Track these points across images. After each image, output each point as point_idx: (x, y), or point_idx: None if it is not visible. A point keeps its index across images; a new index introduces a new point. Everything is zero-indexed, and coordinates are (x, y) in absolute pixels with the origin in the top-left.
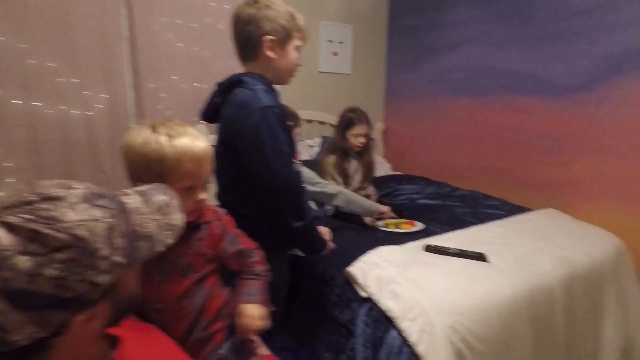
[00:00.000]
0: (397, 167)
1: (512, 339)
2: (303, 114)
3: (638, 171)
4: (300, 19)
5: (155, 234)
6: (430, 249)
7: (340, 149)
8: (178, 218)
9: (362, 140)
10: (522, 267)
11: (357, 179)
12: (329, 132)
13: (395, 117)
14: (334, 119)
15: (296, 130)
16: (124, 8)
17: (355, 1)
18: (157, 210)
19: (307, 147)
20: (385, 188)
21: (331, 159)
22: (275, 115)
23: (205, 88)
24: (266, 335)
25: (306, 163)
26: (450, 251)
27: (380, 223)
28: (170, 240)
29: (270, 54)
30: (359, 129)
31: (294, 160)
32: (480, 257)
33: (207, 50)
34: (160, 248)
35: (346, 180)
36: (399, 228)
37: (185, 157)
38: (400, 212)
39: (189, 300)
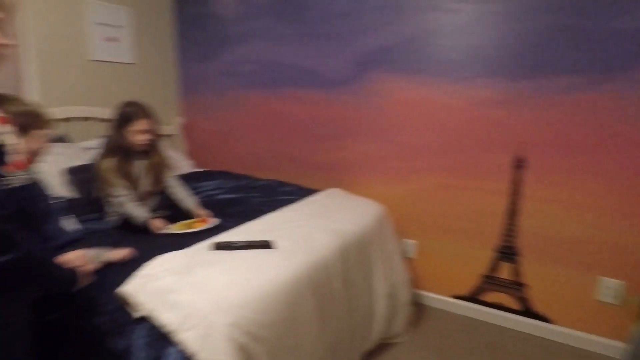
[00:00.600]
0: (201, 163)
1: (297, 315)
2: (75, 110)
3: (389, 149)
4: None
5: None
6: (219, 246)
7: (121, 149)
8: None
9: (145, 136)
10: (303, 246)
11: (145, 182)
12: None
13: (195, 111)
14: None
15: (42, 132)
16: None
17: None
18: None
19: (83, 150)
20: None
21: (110, 163)
22: None
23: None
24: None
25: (83, 168)
26: (238, 245)
27: (169, 227)
28: None
29: None
30: (139, 125)
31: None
32: (265, 245)
33: None
34: None
35: (130, 183)
36: (192, 228)
37: None
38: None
39: None
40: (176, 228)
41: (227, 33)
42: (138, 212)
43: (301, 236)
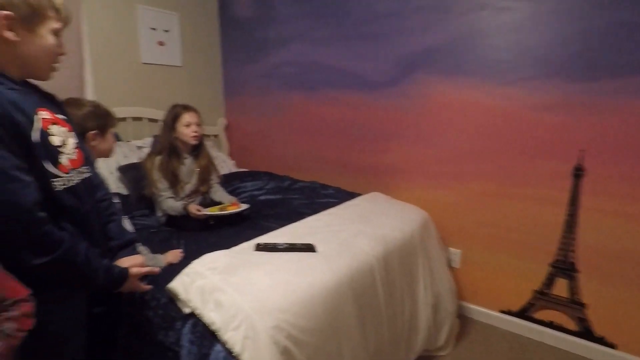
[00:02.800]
0: (242, 163)
1: (339, 321)
2: (128, 110)
3: (433, 153)
4: None
5: None
6: (260, 247)
7: (170, 148)
8: None
9: (195, 129)
10: (345, 251)
11: (192, 182)
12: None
13: (237, 113)
14: None
15: (111, 131)
16: None
17: None
18: None
19: (135, 148)
20: (228, 186)
21: (157, 161)
22: None
23: None
24: None
25: (133, 166)
26: (280, 247)
27: (205, 210)
28: None
29: (9, 35)
30: (188, 117)
31: (57, 170)
32: (308, 247)
33: None
34: None
35: (176, 183)
36: (225, 211)
37: None
38: (241, 213)
39: None
40: (211, 211)
41: (268, 36)
42: (175, 204)
43: (343, 240)
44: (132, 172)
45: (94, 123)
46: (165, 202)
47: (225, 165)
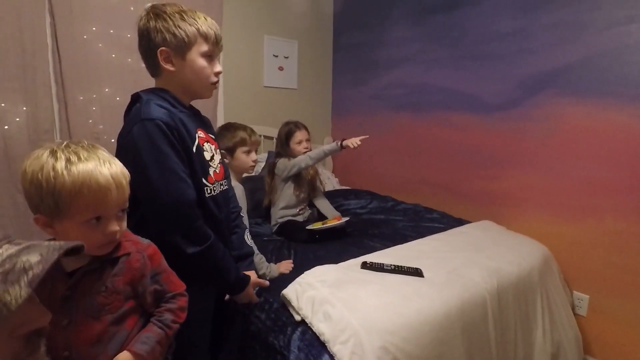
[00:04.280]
0: (345, 181)
1: (445, 352)
2: None
3: (559, 183)
4: (202, 21)
5: None
6: (366, 265)
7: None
8: (13, 294)
9: (305, 145)
10: (454, 280)
11: (304, 190)
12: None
13: (342, 132)
14: None
15: (242, 150)
16: (48, 16)
17: (300, 17)
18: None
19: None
20: (332, 203)
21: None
22: (158, 128)
23: None
24: None
25: (250, 179)
26: (387, 267)
27: (310, 226)
28: None
29: (168, 66)
30: (300, 135)
31: (205, 181)
32: (416, 272)
33: (142, 61)
34: None
35: (297, 189)
36: (327, 224)
37: (85, 187)
38: (344, 227)
39: (104, 346)
40: (314, 226)
41: (379, 59)
42: (324, 148)
43: (452, 269)
44: (249, 184)
45: (222, 145)
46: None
47: (329, 182)
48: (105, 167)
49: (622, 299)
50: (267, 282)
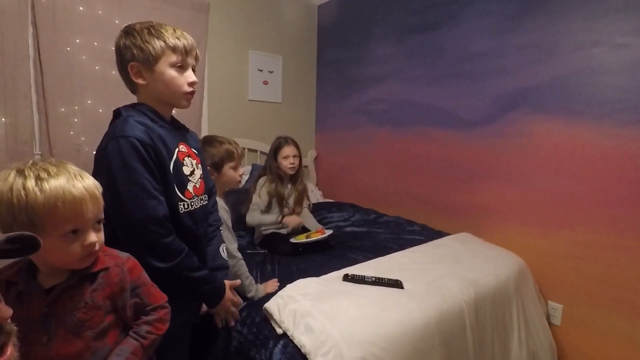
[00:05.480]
0: (328, 194)
1: None
2: None
3: (533, 196)
4: (170, 33)
5: None
6: (347, 278)
7: (275, 174)
8: None
9: (291, 161)
10: (433, 291)
11: (289, 205)
12: (261, 160)
13: (325, 146)
14: (266, 147)
15: (229, 165)
16: (31, 27)
17: (285, 33)
18: None
19: None
20: (316, 215)
21: (261, 180)
22: (131, 145)
23: None
24: None
25: (234, 191)
26: (368, 279)
27: (293, 239)
28: None
29: (139, 80)
30: (287, 150)
31: (182, 195)
32: (396, 284)
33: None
34: None
35: (282, 203)
36: (310, 238)
37: (59, 201)
38: (327, 240)
39: None
40: (298, 239)
41: (361, 75)
42: (268, 217)
43: (432, 280)
44: (232, 196)
45: (209, 161)
46: (257, 214)
47: (313, 195)
48: (77, 180)
49: (594, 309)
50: (239, 282)
